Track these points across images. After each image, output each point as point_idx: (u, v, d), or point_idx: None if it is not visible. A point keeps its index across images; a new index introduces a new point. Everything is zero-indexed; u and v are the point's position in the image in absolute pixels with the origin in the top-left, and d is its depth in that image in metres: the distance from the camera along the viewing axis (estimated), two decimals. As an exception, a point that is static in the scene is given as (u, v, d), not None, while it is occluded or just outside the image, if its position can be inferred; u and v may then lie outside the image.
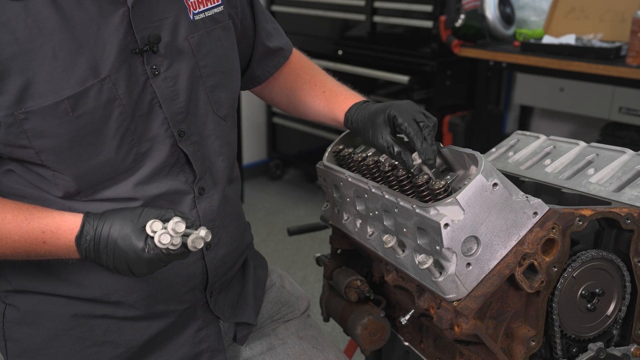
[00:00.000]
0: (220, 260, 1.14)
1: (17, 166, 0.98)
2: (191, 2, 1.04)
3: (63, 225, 0.93)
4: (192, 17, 1.03)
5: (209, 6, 1.07)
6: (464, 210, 0.88)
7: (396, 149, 1.02)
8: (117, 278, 1.03)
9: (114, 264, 0.92)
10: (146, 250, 0.89)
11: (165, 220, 0.90)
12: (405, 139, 1.06)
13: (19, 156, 0.94)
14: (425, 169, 1.02)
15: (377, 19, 3.36)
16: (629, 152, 1.16)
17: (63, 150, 0.92)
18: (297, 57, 1.33)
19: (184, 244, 0.89)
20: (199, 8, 1.05)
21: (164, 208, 0.94)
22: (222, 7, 1.09)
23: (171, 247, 0.88)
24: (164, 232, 0.88)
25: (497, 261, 0.92)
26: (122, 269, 0.92)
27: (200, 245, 0.89)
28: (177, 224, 0.88)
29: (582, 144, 1.25)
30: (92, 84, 0.91)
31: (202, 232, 0.89)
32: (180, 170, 1.04)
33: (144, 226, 0.90)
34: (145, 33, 0.96)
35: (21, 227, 0.93)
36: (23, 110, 0.89)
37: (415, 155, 1.01)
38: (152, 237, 0.89)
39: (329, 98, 1.23)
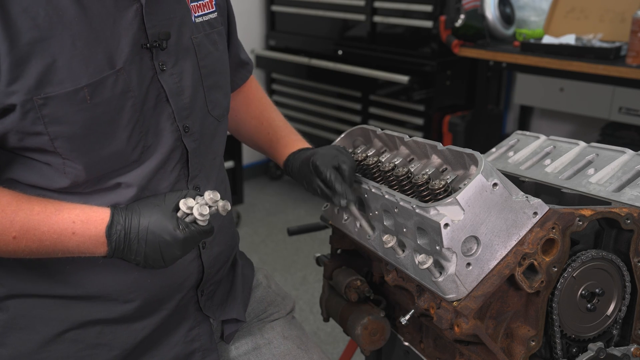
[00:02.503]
0: (215, 258, 1.16)
1: (19, 170, 0.97)
2: (192, 6, 1.09)
3: (94, 216, 0.94)
4: (194, 20, 1.08)
5: (206, 11, 1.13)
6: (464, 210, 0.88)
7: (327, 192, 1.12)
8: (115, 277, 1.03)
9: (145, 252, 0.94)
10: (180, 228, 0.93)
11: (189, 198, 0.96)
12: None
13: (31, 144, 0.94)
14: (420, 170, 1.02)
15: (377, 19, 3.36)
16: (629, 152, 1.16)
17: (77, 138, 0.94)
18: (254, 85, 1.40)
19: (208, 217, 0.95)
20: (199, 12, 1.10)
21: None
22: (216, 13, 1.15)
23: (205, 218, 0.94)
24: (202, 204, 0.94)
25: (497, 261, 0.92)
26: (154, 257, 0.95)
27: (229, 208, 0.96)
28: (213, 193, 0.95)
29: (582, 144, 1.25)
30: (108, 74, 0.94)
31: (221, 199, 0.96)
32: (182, 167, 1.06)
33: (172, 209, 0.96)
34: (155, 30, 0.99)
35: (51, 218, 0.93)
36: (42, 95, 0.90)
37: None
38: (185, 216, 0.95)
39: (272, 141, 1.34)
